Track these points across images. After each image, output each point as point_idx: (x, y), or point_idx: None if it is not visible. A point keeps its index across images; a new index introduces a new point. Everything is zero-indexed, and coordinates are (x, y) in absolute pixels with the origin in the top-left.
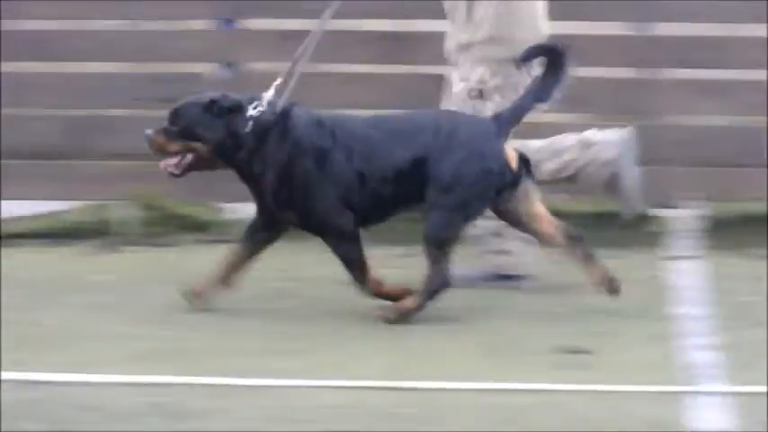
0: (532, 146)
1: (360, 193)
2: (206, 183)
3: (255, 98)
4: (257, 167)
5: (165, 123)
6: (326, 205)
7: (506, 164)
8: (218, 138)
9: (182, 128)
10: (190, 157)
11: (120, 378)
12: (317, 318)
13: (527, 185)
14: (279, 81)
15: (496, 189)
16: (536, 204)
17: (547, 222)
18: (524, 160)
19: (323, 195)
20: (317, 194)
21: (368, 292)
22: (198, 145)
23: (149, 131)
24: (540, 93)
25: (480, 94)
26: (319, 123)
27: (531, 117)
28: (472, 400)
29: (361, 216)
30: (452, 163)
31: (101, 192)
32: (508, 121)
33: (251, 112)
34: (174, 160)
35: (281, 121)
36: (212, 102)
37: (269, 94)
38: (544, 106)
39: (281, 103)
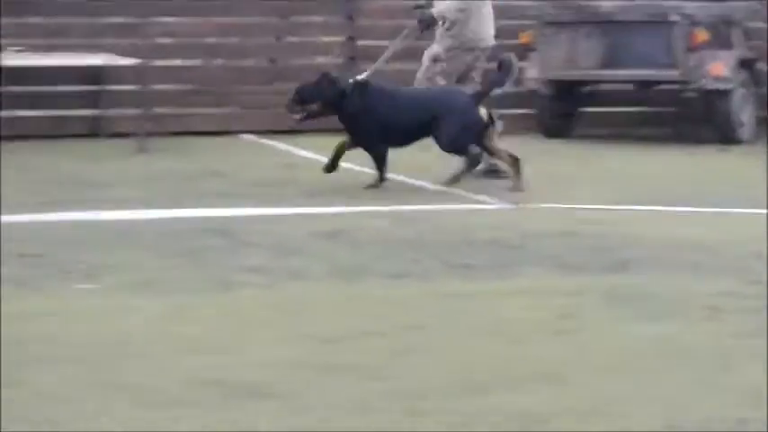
0: None
1: (389, 129)
2: None
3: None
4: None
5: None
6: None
7: (481, 117)
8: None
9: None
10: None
11: None
12: None
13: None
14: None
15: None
16: (495, 139)
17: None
18: (491, 115)
19: (370, 130)
20: (366, 129)
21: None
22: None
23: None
24: (495, 81)
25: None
26: (376, 91)
27: None
28: None
29: (391, 141)
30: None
31: None
32: (480, 95)
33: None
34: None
35: (356, 88)
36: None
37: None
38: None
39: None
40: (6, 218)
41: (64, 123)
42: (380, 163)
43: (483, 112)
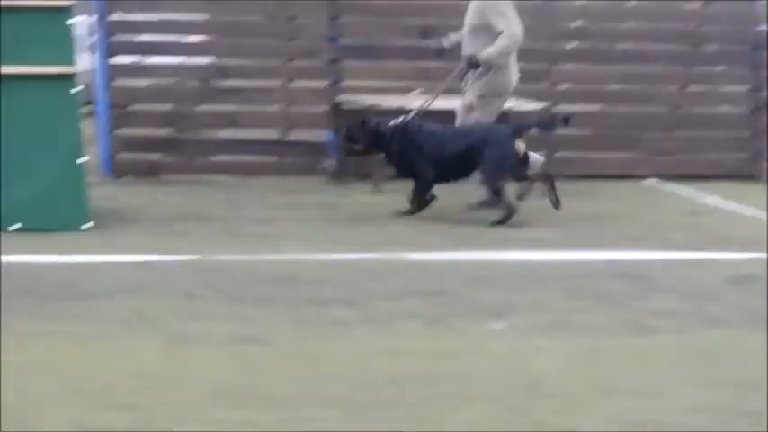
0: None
1: (436, 163)
2: None
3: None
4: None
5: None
6: (420, 166)
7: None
8: (369, 138)
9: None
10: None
11: None
12: None
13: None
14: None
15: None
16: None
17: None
18: (526, 155)
19: (418, 162)
20: (415, 162)
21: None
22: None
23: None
24: (544, 124)
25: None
26: (418, 130)
27: None
28: None
29: (439, 175)
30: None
31: None
32: (520, 130)
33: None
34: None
35: (401, 128)
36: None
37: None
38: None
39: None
40: (416, 255)
41: None
42: (420, 194)
43: (520, 146)
